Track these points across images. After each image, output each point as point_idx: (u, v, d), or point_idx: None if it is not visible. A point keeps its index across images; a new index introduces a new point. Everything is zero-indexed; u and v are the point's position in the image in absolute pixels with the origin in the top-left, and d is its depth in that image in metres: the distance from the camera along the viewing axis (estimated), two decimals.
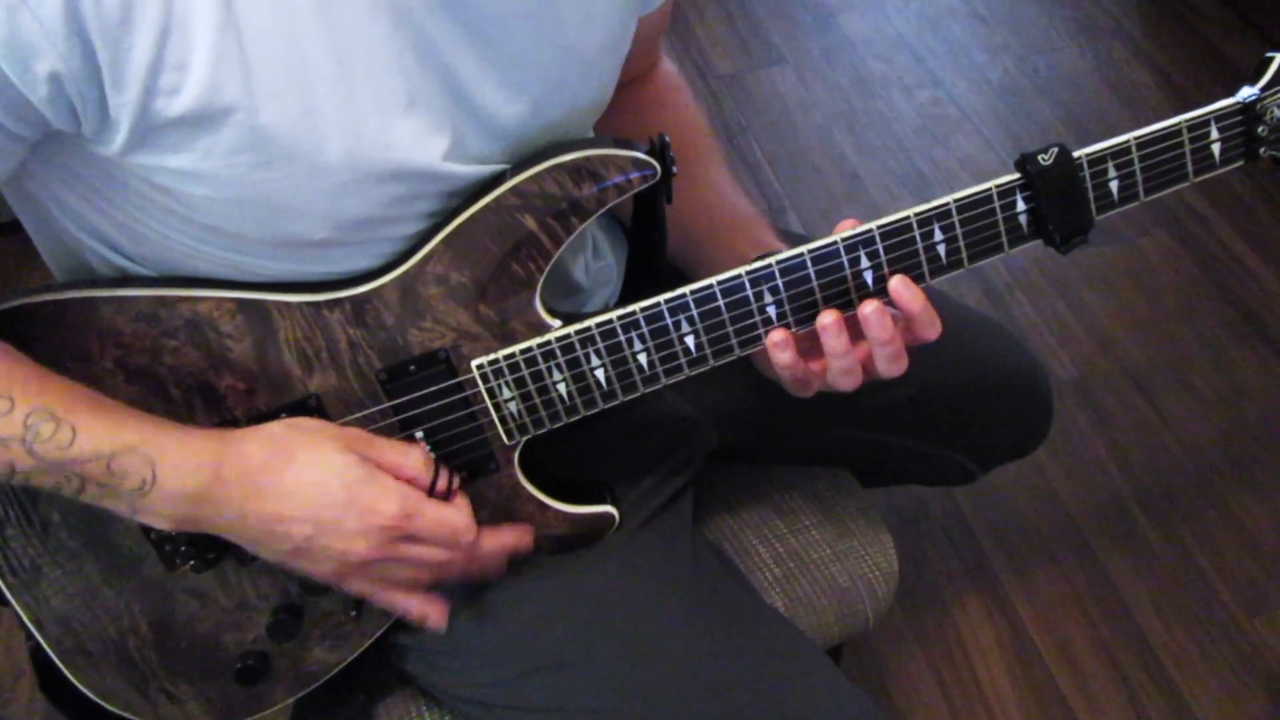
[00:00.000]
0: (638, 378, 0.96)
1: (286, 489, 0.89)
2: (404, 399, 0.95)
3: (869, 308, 0.92)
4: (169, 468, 0.86)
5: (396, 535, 0.92)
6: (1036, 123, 2.70)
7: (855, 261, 0.92)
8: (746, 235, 1.08)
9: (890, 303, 0.93)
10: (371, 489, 0.91)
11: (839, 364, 0.95)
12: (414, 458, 0.95)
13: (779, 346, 0.94)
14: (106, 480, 0.85)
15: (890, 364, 0.95)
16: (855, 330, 0.94)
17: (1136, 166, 0.93)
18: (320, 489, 0.89)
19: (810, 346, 0.96)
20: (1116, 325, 2.26)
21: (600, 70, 0.99)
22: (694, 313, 0.93)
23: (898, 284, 0.92)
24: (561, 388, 0.95)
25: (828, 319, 0.92)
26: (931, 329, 0.94)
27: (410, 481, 0.94)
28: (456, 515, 0.95)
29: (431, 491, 0.95)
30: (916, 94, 2.81)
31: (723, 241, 1.08)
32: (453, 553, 0.96)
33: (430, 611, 1.00)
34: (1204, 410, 2.11)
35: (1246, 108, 0.95)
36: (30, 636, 1.00)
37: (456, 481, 0.97)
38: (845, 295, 0.94)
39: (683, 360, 0.95)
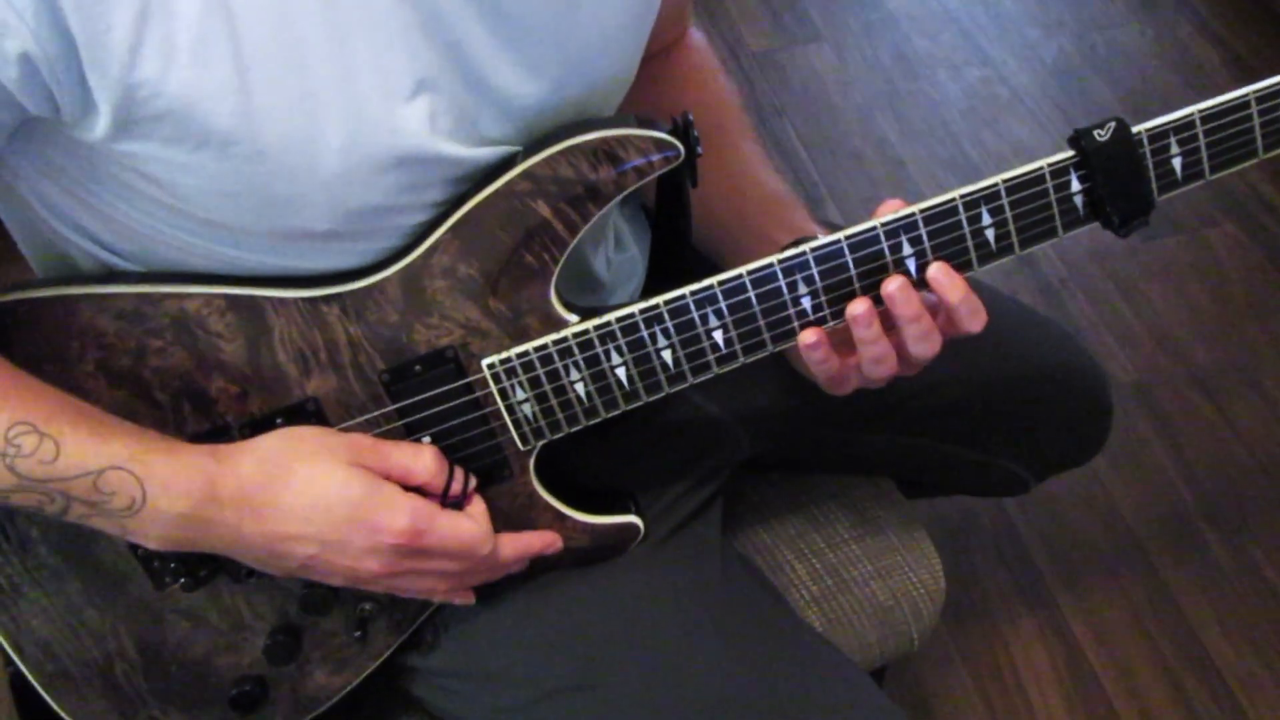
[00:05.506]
0: (662, 376, 0.95)
1: (286, 509, 0.89)
2: (409, 401, 0.95)
3: (893, 284, 0.90)
4: (158, 486, 0.86)
5: (407, 552, 0.92)
6: (1094, 104, 2.69)
7: (896, 248, 0.91)
8: (777, 219, 1.07)
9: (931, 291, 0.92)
10: (378, 505, 0.90)
11: (871, 351, 0.93)
12: (425, 460, 0.94)
13: (812, 347, 0.93)
14: (94, 498, 0.85)
15: (920, 342, 0.93)
16: (890, 320, 0.93)
17: (1201, 141, 0.92)
18: (322, 509, 0.89)
19: (844, 340, 0.95)
20: (1180, 324, 2.25)
21: (623, 43, 0.98)
22: (722, 305, 0.92)
23: (936, 271, 0.91)
24: (579, 388, 0.95)
25: (859, 309, 0.91)
26: (974, 320, 0.93)
27: (423, 487, 0.94)
28: (472, 527, 0.95)
29: (445, 497, 0.94)
30: (964, 73, 2.80)
31: (751, 226, 1.07)
32: (471, 563, 0.96)
33: (454, 596, 1.01)
34: (1274, 414, 2.10)
35: None
36: (9, 661, 1.00)
37: (473, 483, 0.97)
38: None
39: (710, 357, 0.94)
